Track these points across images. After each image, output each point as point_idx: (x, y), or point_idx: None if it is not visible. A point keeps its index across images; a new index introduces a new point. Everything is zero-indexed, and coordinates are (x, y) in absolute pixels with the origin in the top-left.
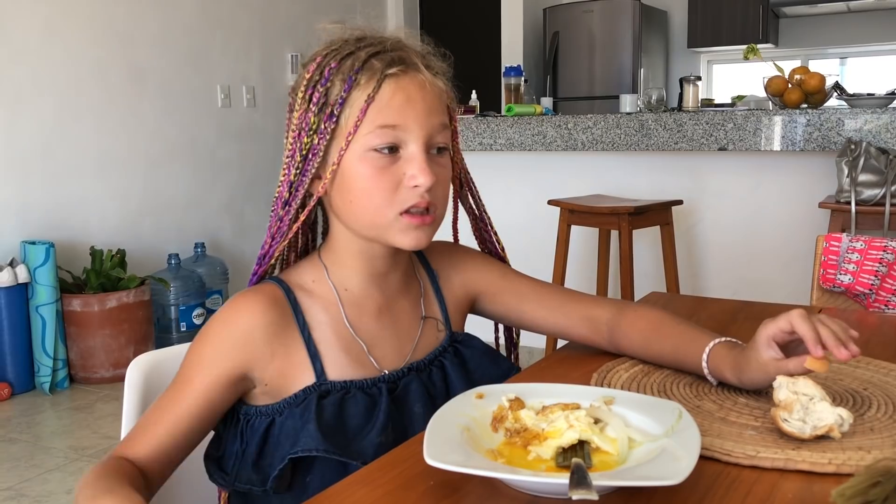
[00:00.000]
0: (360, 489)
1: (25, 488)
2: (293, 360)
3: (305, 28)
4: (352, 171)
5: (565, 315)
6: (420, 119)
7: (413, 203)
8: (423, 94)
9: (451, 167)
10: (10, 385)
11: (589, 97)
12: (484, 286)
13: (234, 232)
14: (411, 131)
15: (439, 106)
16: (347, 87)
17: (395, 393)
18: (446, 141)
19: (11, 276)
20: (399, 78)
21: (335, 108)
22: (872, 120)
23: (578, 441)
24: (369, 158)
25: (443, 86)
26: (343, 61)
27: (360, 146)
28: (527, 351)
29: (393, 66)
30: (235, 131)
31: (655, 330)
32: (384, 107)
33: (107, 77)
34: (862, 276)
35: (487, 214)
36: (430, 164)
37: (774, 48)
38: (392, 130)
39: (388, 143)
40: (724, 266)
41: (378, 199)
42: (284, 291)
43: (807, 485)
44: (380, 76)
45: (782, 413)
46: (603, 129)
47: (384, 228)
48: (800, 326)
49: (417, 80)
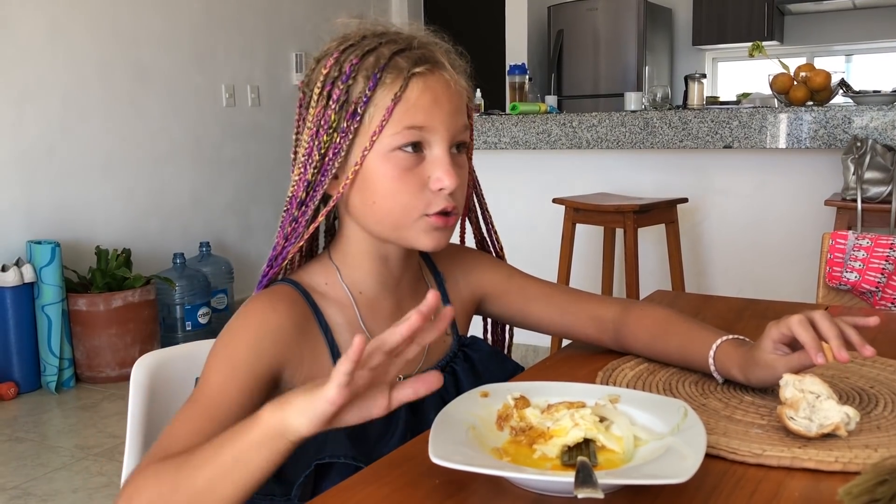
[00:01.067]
0: (366, 487)
1: (32, 487)
2: (319, 364)
3: (310, 27)
4: (375, 171)
5: (572, 315)
6: (446, 120)
7: (440, 207)
8: (449, 93)
9: (468, 165)
10: (17, 384)
11: (594, 95)
12: (491, 288)
13: (240, 231)
14: (437, 132)
15: (462, 106)
16: (372, 85)
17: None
18: (466, 139)
19: (17, 276)
20: (426, 77)
21: (359, 107)
22: (878, 117)
23: (584, 439)
24: (394, 158)
25: (465, 84)
26: (365, 57)
27: (385, 146)
28: (532, 350)
29: (419, 64)
30: (240, 131)
31: (662, 328)
32: (411, 107)
33: (112, 77)
34: (868, 274)
35: (489, 213)
36: (454, 164)
37: (780, 45)
38: (419, 131)
39: (414, 141)
40: (729, 264)
41: (403, 199)
42: (301, 293)
43: (813, 483)
44: (406, 74)
45: (788, 411)
46: (608, 128)
47: (406, 229)
48: (800, 333)
49: (443, 80)
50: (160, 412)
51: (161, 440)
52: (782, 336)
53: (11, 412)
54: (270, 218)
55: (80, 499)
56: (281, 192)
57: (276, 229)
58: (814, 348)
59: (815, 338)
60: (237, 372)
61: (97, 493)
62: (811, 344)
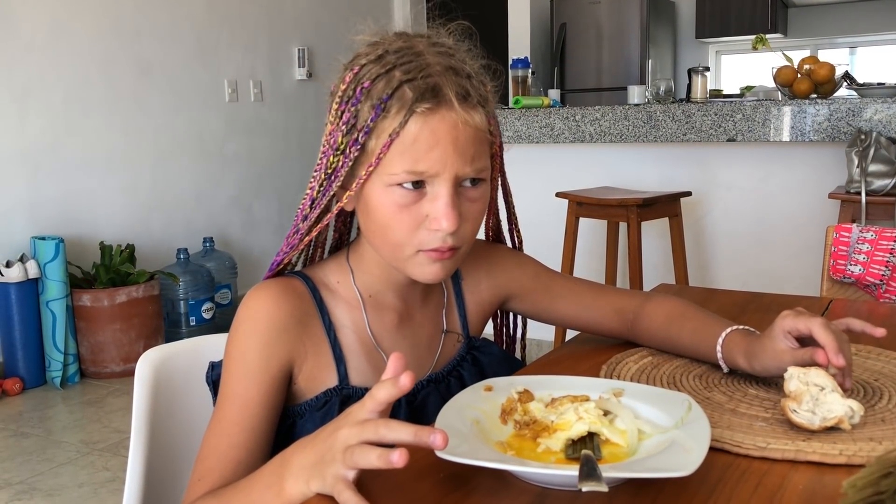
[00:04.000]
0: (371, 481)
1: (37, 482)
2: (320, 361)
3: (313, 22)
4: (374, 200)
5: (597, 309)
6: (448, 161)
7: (434, 247)
8: (455, 134)
9: (487, 195)
10: (22, 380)
11: (597, 89)
12: (517, 288)
13: (243, 226)
14: (439, 171)
15: (475, 142)
16: (374, 116)
17: (413, 405)
18: (484, 171)
19: (22, 272)
20: (427, 116)
21: (361, 135)
22: (883, 110)
23: (588, 433)
24: (392, 193)
25: (480, 121)
26: (376, 81)
27: (384, 180)
28: (535, 343)
29: (423, 100)
30: (243, 126)
31: (677, 317)
32: (409, 146)
33: (115, 72)
34: (872, 267)
35: (515, 216)
36: (459, 201)
37: (783, 38)
38: (416, 169)
39: (416, 179)
40: (733, 257)
41: (397, 235)
42: (309, 288)
43: (817, 476)
44: (407, 111)
45: (791, 404)
46: (611, 121)
47: (402, 261)
48: (821, 336)
49: (449, 120)
50: (165, 407)
51: (201, 462)
52: (796, 330)
53: (17, 407)
54: (273, 213)
55: (86, 493)
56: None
57: (278, 224)
58: (835, 350)
59: (836, 341)
60: (254, 378)
61: (102, 487)
62: (833, 346)
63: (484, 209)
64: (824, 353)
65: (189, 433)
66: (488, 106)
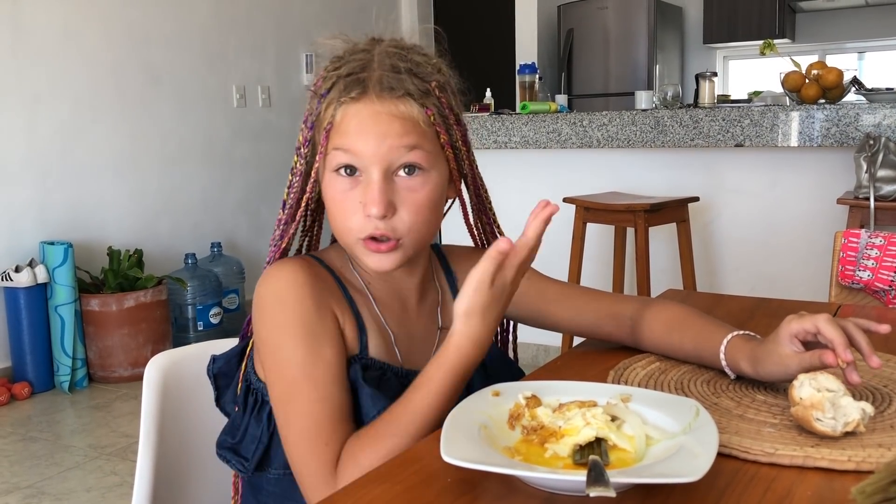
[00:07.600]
0: (378, 486)
1: (46, 486)
2: (348, 327)
3: (320, 28)
4: (325, 189)
5: (591, 313)
6: (373, 146)
7: (368, 233)
8: (377, 120)
9: (431, 187)
10: (31, 384)
11: (604, 94)
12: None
13: (250, 231)
14: (365, 158)
15: (404, 133)
16: (318, 111)
17: None
18: (421, 160)
19: (31, 277)
20: (349, 105)
21: (307, 131)
22: (891, 115)
23: (595, 438)
24: (334, 180)
25: (408, 111)
26: (325, 81)
27: (328, 169)
28: (542, 349)
29: (350, 90)
30: (251, 131)
31: (678, 323)
32: (341, 134)
33: (123, 78)
34: (881, 273)
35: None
36: (393, 189)
37: (791, 43)
38: (345, 153)
39: (347, 164)
40: (741, 263)
41: (341, 221)
42: (325, 267)
43: (826, 482)
44: (337, 102)
45: (815, 412)
46: (618, 127)
47: (351, 248)
48: (827, 331)
49: (371, 108)
50: (173, 412)
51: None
52: (803, 331)
53: (25, 412)
54: None
55: (94, 498)
56: None
57: None
58: (843, 345)
59: (844, 335)
60: (317, 334)
61: (110, 492)
62: (840, 341)
63: (428, 201)
64: (832, 354)
65: (197, 438)
66: (429, 100)
